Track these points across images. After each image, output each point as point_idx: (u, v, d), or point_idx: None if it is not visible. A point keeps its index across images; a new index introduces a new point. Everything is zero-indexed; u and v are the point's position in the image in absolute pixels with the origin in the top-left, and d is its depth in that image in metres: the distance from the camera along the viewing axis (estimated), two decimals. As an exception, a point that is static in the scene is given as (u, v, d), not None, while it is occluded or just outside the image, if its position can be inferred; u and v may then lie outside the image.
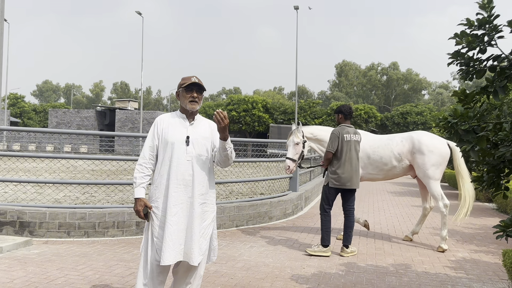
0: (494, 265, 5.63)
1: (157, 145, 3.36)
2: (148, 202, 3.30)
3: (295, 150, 6.66)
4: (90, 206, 6.88)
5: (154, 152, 3.36)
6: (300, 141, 6.68)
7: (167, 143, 3.30)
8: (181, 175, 3.25)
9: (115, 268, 5.02)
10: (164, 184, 3.27)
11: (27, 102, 60.32)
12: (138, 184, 3.29)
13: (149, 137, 3.40)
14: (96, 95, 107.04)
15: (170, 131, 3.33)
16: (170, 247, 3.16)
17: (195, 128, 3.39)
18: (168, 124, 3.38)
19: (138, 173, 3.31)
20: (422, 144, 6.67)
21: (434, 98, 78.79)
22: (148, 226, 3.31)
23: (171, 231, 3.18)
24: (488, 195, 12.61)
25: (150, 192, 3.39)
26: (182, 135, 3.32)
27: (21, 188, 9.24)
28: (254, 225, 7.90)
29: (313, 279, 4.85)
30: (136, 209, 3.28)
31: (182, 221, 3.24)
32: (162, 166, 3.30)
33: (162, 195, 3.27)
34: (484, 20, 2.91)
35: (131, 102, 54.33)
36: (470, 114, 2.85)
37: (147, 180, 3.33)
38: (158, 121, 3.44)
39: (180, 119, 3.41)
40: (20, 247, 5.78)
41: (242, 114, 43.38)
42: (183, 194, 3.25)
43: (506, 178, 3.16)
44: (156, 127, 3.40)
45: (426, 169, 6.63)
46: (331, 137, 6.06)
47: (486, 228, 8.27)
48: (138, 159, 3.40)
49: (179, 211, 3.23)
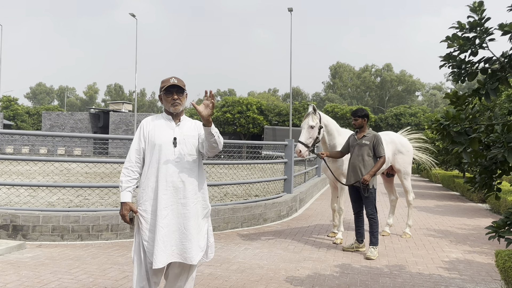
0: (487, 266, 5.66)
1: (144, 147, 3.33)
2: (134, 206, 3.26)
3: (309, 134, 6.36)
4: (83, 209, 6.85)
5: (141, 155, 3.33)
6: (316, 125, 6.40)
7: (154, 145, 3.27)
8: (170, 177, 3.22)
9: (109, 272, 5.00)
10: (152, 186, 3.24)
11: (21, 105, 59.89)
12: (124, 188, 3.25)
13: (135, 140, 3.36)
14: (90, 98, 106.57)
15: (156, 133, 3.31)
16: (162, 250, 3.14)
17: (182, 128, 3.36)
18: (154, 126, 3.35)
19: (124, 176, 3.28)
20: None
21: (428, 99, 79.14)
22: (138, 230, 3.28)
23: (162, 234, 3.16)
24: (481, 196, 12.68)
25: (138, 195, 3.35)
26: (169, 136, 3.30)
27: (14, 191, 9.19)
28: (249, 227, 7.90)
29: (308, 281, 4.85)
30: (121, 214, 3.25)
31: (173, 223, 3.21)
32: (149, 169, 3.26)
33: (150, 197, 3.24)
34: (475, 23, 2.94)
35: (125, 104, 54.18)
36: (462, 116, 2.88)
37: (133, 184, 3.29)
38: (144, 123, 3.41)
39: (166, 121, 3.38)
40: (13, 251, 5.74)
41: (236, 116, 43.36)
42: (172, 196, 3.22)
43: (498, 179, 3.19)
44: (142, 130, 3.37)
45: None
46: (381, 142, 6.11)
47: (480, 229, 8.31)
48: (124, 163, 3.35)
49: (169, 213, 3.21)
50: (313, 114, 6.45)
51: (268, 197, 9.00)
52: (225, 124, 44.15)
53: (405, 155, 7.47)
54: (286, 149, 9.83)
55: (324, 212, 10.02)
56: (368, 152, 6.05)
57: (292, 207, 9.52)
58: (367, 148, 6.06)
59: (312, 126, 6.36)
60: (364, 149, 6.06)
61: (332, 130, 6.73)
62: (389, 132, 7.66)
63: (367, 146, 6.06)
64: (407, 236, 7.41)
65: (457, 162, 13.53)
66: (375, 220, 6.07)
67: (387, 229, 7.65)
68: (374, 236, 6.04)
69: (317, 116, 6.46)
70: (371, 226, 6.08)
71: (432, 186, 18.61)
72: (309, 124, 6.36)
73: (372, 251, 5.96)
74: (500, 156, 2.74)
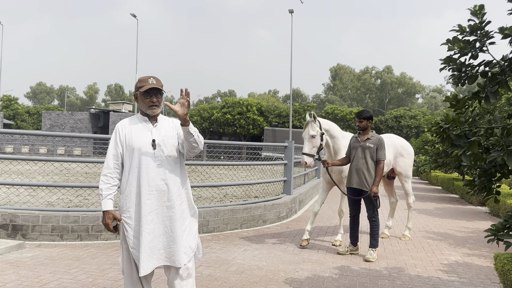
0: (486, 269, 5.66)
1: (122, 152, 3.20)
2: (117, 214, 3.19)
3: (312, 143, 6.26)
4: (83, 209, 6.85)
5: (119, 160, 3.21)
6: (317, 133, 6.28)
7: (133, 150, 3.15)
8: (152, 180, 3.13)
9: (109, 272, 5.00)
10: (135, 192, 3.14)
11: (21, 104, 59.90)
12: (105, 196, 3.15)
13: (111, 145, 3.22)
14: (90, 97, 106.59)
15: (134, 137, 3.18)
16: (149, 255, 3.09)
17: (159, 129, 3.24)
18: (130, 130, 3.22)
19: (104, 184, 3.16)
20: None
21: (428, 102, 79.18)
22: (124, 238, 3.21)
23: (148, 240, 3.10)
24: (480, 199, 12.68)
25: (120, 202, 3.25)
26: (147, 139, 3.17)
27: (14, 191, 9.19)
28: (248, 228, 7.90)
29: (307, 283, 4.86)
30: (104, 223, 3.16)
31: (159, 227, 3.15)
32: (130, 174, 3.16)
33: (133, 203, 3.15)
34: (476, 27, 2.95)
35: (125, 105, 54.12)
36: (462, 119, 2.89)
37: (114, 191, 3.19)
38: (119, 127, 3.25)
39: (142, 123, 3.25)
40: (13, 251, 5.75)
41: (236, 117, 43.36)
42: (156, 200, 3.14)
43: (497, 183, 3.20)
44: (118, 134, 3.23)
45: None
46: (384, 146, 6.09)
47: (479, 232, 8.32)
48: (102, 170, 3.22)
49: (154, 218, 3.14)
50: (312, 122, 6.32)
51: (267, 199, 9.00)
52: (225, 125, 44.15)
53: (406, 158, 7.49)
54: (286, 150, 9.84)
55: (323, 214, 10.02)
56: (372, 155, 6.01)
57: (292, 208, 9.52)
58: (371, 151, 6.02)
59: (313, 135, 6.24)
60: (367, 152, 6.02)
61: (335, 132, 6.65)
62: (390, 134, 7.65)
63: (371, 150, 6.01)
64: (407, 238, 7.43)
65: (457, 165, 13.53)
66: (376, 222, 6.07)
67: (386, 232, 7.66)
68: (374, 238, 6.04)
69: (317, 124, 6.34)
70: (372, 228, 6.07)
71: (432, 189, 18.61)
72: (310, 134, 6.25)
73: (372, 253, 5.96)
74: (500, 160, 2.75)
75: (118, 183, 3.23)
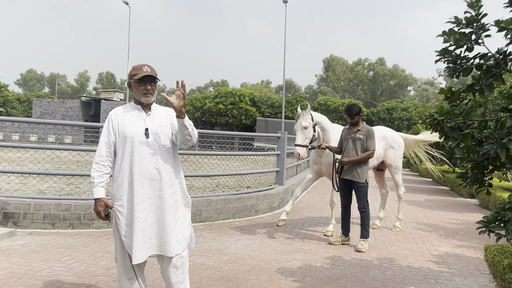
0: (476, 260, 5.74)
1: (114, 140, 3.20)
2: (109, 202, 3.18)
3: (304, 135, 6.26)
4: (75, 198, 6.82)
5: (111, 148, 3.20)
6: (309, 124, 6.29)
7: (126, 138, 3.14)
8: (145, 169, 3.12)
9: (101, 260, 5.00)
10: (127, 180, 3.14)
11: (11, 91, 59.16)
12: (97, 183, 3.14)
13: (104, 133, 3.21)
14: (81, 85, 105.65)
15: (127, 125, 3.17)
16: (142, 244, 3.09)
17: (153, 118, 3.24)
18: (123, 118, 3.21)
19: (96, 172, 3.15)
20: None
21: (420, 94, 79.53)
22: (116, 226, 3.21)
23: (141, 228, 3.10)
24: (471, 191, 12.81)
25: (112, 190, 3.25)
26: (140, 127, 3.17)
27: (5, 179, 9.11)
28: (241, 218, 7.92)
29: (299, 272, 4.89)
30: (96, 210, 3.15)
31: (151, 216, 3.15)
32: (122, 162, 3.15)
33: (126, 192, 3.15)
34: (472, 19, 2.95)
35: (117, 93, 53.68)
36: (456, 111, 2.90)
37: (106, 179, 3.18)
38: (112, 115, 3.24)
39: (136, 111, 3.24)
40: (4, 238, 5.72)
41: (229, 107, 43.23)
42: (149, 189, 3.14)
43: (490, 175, 3.22)
44: (110, 122, 3.22)
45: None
46: (374, 136, 6.15)
47: (469, 224, 8.42)
48: (94, 158, 3.20)
49: (147, 206, 3.13)
50: (304, 113, 6.33)
51: (260, 189, 9.02)
52: (217, 115, 44.03)
53: (396, 150, 7.57)
54: (279, 141, 9.85)
55: (315, 204, 10.08)
56: (363, 146, 6.08)
57: (284, 199, 9.56)
58: (361, 142, 6.08)
59: (305, 126, 6.24)
60: (358, 143, 6.08)
61: (326, 125, 6.69)
62: (380, 127, 7.70)
63: (362, 140, 6.09)
64: (397, 229, 7.50)
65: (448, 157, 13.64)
66: (366, 213, 6.12)
67: (377, 223, 7.73)
68: (365, 229, 6.09)
69: (309, 115, 6.35)
70: (363, 219, 6.12)
71: (422, 181, 18.76)
72: (302, 125, 6.25)
73: (363, 244, 6.01)
74: (493, 152, 2.77)
75: (110, 171, 3.22)
